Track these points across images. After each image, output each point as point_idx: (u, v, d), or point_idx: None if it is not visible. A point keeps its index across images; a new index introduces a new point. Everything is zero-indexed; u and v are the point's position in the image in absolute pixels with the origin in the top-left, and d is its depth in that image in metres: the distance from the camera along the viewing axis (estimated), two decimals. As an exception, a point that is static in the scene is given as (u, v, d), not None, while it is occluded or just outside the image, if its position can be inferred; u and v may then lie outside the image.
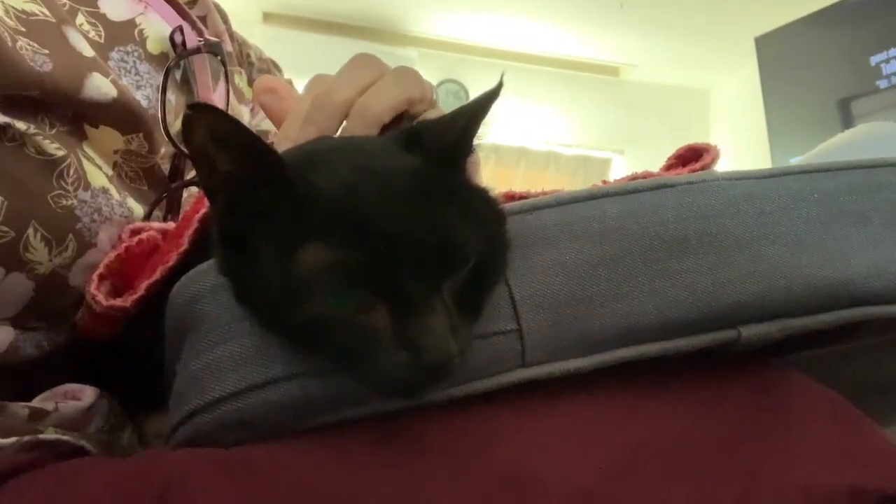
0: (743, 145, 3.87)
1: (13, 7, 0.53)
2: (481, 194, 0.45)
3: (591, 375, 0.43)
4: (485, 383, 0.43)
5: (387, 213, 0.38)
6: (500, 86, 0.43)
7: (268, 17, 3.97)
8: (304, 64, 1.46)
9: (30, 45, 0.52)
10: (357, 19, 3.96)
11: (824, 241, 0.47)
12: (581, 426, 0.43)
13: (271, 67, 0.87)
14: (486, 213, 0.43)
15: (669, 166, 0.55)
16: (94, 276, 0.51)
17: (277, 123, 0.54)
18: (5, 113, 0.50)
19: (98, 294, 0.49)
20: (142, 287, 0.49)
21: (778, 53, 3.37)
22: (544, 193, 0.48)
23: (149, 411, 0.56)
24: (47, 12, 0.55)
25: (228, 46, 0.75)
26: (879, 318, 0.47)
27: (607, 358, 0.43)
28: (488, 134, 0.45)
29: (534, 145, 4.42)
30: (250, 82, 0.81)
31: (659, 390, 0.45)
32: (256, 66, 0.84)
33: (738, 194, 0.47)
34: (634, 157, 4.34)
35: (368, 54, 0.55)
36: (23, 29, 0.52)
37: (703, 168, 0.53)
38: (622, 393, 0.44)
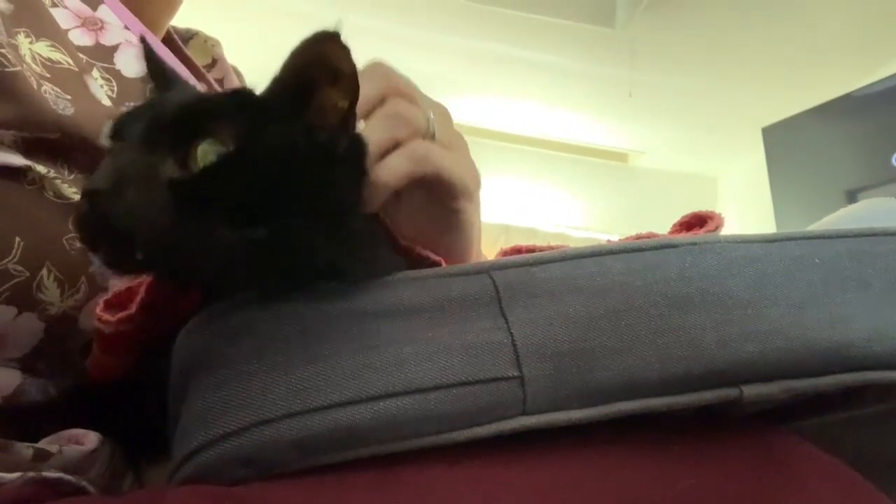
0: (750, 232, 3.87)
1: (40, 54, 0.56)
2: None
3: (592, 427, 0.43)
4: (485, 429, 0.43)
5: None
6: None
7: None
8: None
9: (53, 89, 0.54)
10: (373, 101, 4.05)
11: (825, 304, 0.47)
12: (578, 479, 0.42)
13: None
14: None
15: (674, 231, 0.56)
16: (101, 301, 0.52)
17: None
18: (27, 156, 0.52)
19: (105, 315, 0.50)
20: (142, 290, 0.50)
21: (785, 143, 3.42)
22: (551, 248, 0.49)
23: (151, 460, 0.56)
24: (71, 62, 0.57)
25: None
26: (880, 383, 0.47)
27: (608, 410, 0.43)
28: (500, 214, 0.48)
29: (544, 227, 4.45)
30: None
31: (658, 447, 0.45)
32: None
33: (740, 256, 0.48)
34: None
35: (377, 65, 0.52)
36: (48, 75, 0.55)
37: (706, 233, 0.54)
38: (620, 447, 0.44)
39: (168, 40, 0.75)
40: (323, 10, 3.20)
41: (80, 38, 0.61)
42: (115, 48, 0.63)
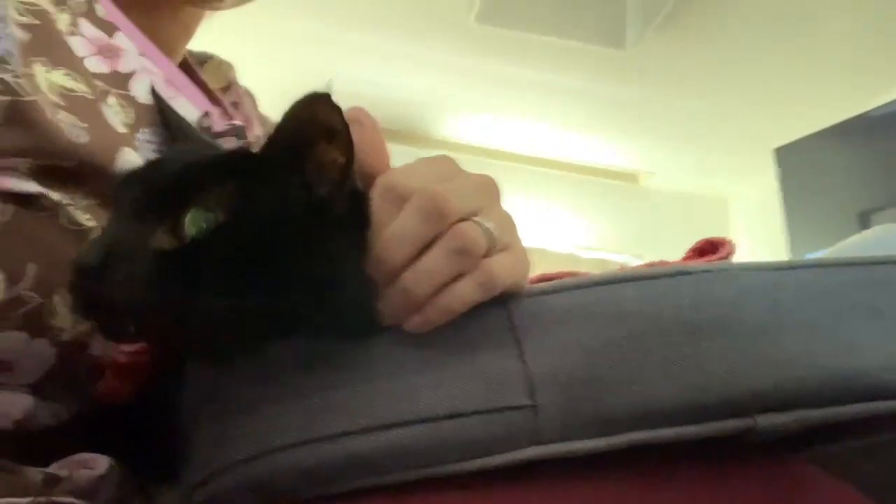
0: (762, 254, 3.87)
1: (56, 83, 0.56)
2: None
3: (603, 457, 0.43)
4: (498, 458, 0.43)
5: None
6: None
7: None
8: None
9: (69, 117, 0.55)
10: (384, 122, 4.06)
11: (837, 332, 0.47)
12: None
13: None
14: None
15: (687, 258, 0.56)
16: None
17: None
18: (41, 183, 0.52)
19: (123, 345, 0.50)
20: None
21: (798, 164, 3.41)
22: (571, 275, 0.49)
23: (160, 485, 0.56)
24: (87, 90, 0.58)
25: (257, 130, 0.78)
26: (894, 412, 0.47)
27: (620, 440, 0.43)
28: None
29: (553, 248, 4.45)
30: None
31: (671, 475, 0.45)
32: None
33: (753, 284, 0.48)
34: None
35: (445, 156, 0.50)
36: (63, 104, 0.55)
37: (719, 260, 0.54)
38: (633, 475, 0.44)
39: (184, 65, 0.76)
40: (331, 32, 3.23)
41: (96, 65, 0.62)
42: (130, 75, 0.63)
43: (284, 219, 0.44)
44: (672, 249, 0.61)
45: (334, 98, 0.42)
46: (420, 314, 0.44)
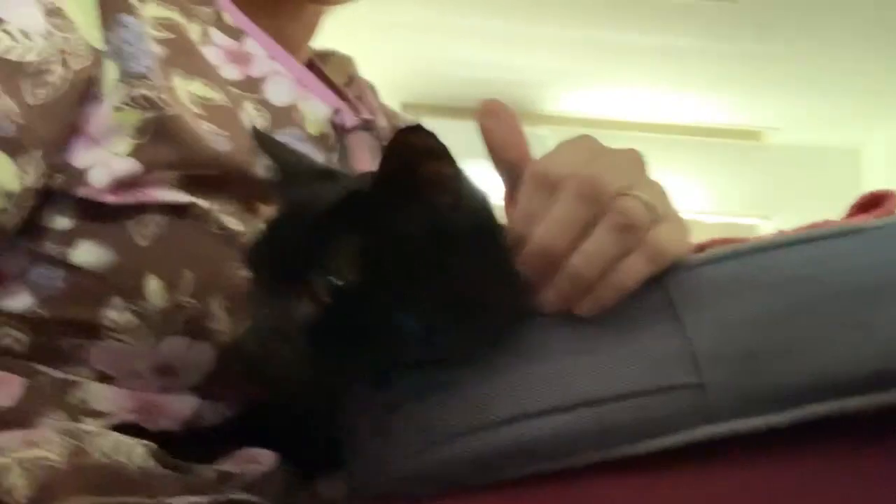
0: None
1: (195, 94, 0.58)
2: None
3: (769, 435, 0.41)
4: (667, 440, 0.41)
5: None
6: None
7: (406, 108, 4.14)
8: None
9: (210, 127, 0.56)
10: (490, 102, 4.06)
11: None
12: (774, 487, 0.40)
13: None
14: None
15: (851, 214, 0.52)
16: None
17: (494, 151, 0.50)
18: (189, 192, 0.54)
19: None
20: None
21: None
22: (724, 243, 0.47)
23: (324, 477, 0.58)
24: (224, 98, 0.60)
25: (382, 122, 0.78)
26: None
27: (800, 414, 0.41)
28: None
29: (675, 215, 4.33)
30: None
31: (852, 452, 0.42)
32: None
33: None
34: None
35: (586, 136, 0.49)
36: (204, 113, 0.57)
37: (886, 214, 0.50)
38: (809, 452, 0.41)
39: (309, 63, 0.77)
40: (438, 17, 3.24)
41: (229, 72, 0.63)
42: (263, 79, 0.65)
43: (414, 251, 0.43)
44: (802, 208, 0.56)
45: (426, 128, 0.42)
46: (591, 296, 0.43)
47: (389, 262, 0.43)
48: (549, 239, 0.43)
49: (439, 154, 0.42)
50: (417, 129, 0.41)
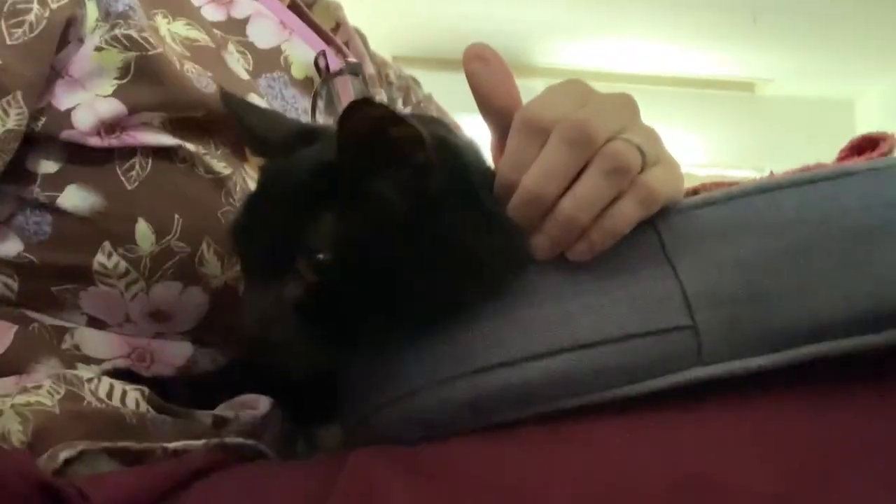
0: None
1: (178, 34, 0.57)
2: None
3: (761, 376, 0.41)
4: (659, 382, 0.41)
5: None
6: None
7: (397, 60, 4.08)
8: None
9: (195, 68, 0.55)
10: (483, 54, 4.02)
11: None
12: (762, 428, 0.40)
13: (410, 84, 0.89)
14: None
15: (843, 157, 0.52)
16: None
17: (482, 97, 0.48)
18: (175, 135, 0.54)
19: None
20: None
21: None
22: (718, 187, 0.47)
23: (320, 424, 0.58)
24: (208, 39, 0.59)
25: (370, 69, 0.77)
26: None
27: (794, 355, 0.41)
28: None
29: (667, 167, 4.32)
30: (390, 101, 0.84)
31: (841, 392, 0.42)
32: (395, 84, 0.86)
33: None
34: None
35: (576, 80, 0.48)
36: (188, 54, 0.56)
37: (881, 157, 0.50)
38: (798, 394, 0.42)
39: (294, 6, 0.75)
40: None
41: (212, 13, 0.62)
42: (246, 20, 0.63)
43: (395, 220, 0.43)
44: (797, 159, 0.56)
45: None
46: (584, 240, 0.42)
47: (371, 230, 0.42)
48: (539, 185, 0.42)
49: (398, 119, 0.41)
50: (370, 101, 0.41)
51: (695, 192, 0.48)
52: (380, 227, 0.42)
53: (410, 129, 0.41)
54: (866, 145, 0.52)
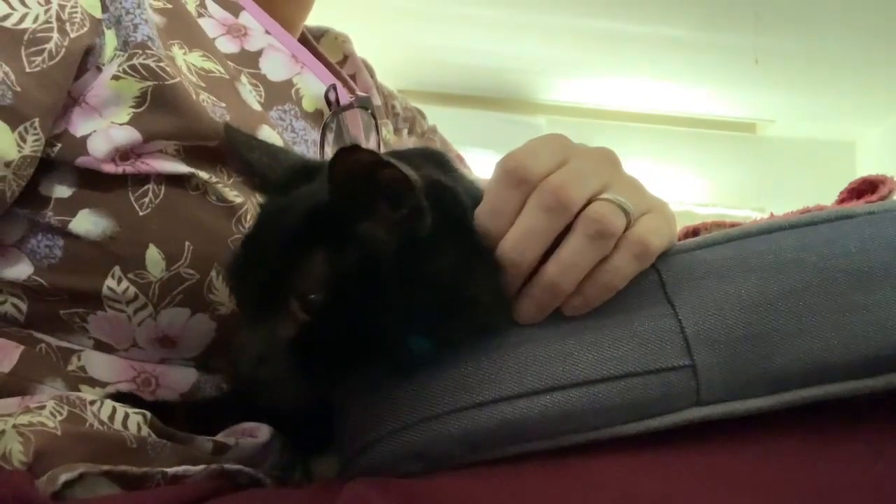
0: None
1: (194, 65, 0.58)
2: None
3: (765, 416, 0.41)
4: (657, 421, 0.42)
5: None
6: None
7: (402, 94, 4.12)
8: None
9: (210, 98, 0.56)
10: (486, 90, 4.06)
11: None
12: (761, 468, 0.40)
13: (416, 115, 0.90)
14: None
15: (843, 200, 0.53)
16: None
17: None
18: (189, 164, 0.54)
19: None
20: None
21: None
22: (718, 227, 0.47)
23: (318, 453, 0.58)
24: (222, 70, 0.60)
25: (377, 100, 0.79)
26: None
27: (790, 398, 0.41)
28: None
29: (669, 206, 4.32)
30: (396, 132, 0.85)
31: (840, 432, 0.42)
32: (401, 115, 0.87)
33: None
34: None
35: (559, 135, 0.48)
36: (203, 84, 0.57)
37: (880, 200, 0.50)
38: (798, 434, 0.42)
39: (303, 40, 0.76)
40: (426, 3, 3.22)
41: (226, 45, 0.63)
42: (259, 53, 0.65)
43: (387, 261, 0.43)
44: (797, 200, 0.57)
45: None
46: (579, 296, 0.43)
47: (363, 271, 0.43)
48: (517, 251, 0.43)
49: (387, 164, 0.42)
50: (359, 147, 0.41)
51: (695, 231, 0.48)
52: (371, 268, 0.43)
53: (399, 173, 0.42)
54: (866, 188, 0.53)
